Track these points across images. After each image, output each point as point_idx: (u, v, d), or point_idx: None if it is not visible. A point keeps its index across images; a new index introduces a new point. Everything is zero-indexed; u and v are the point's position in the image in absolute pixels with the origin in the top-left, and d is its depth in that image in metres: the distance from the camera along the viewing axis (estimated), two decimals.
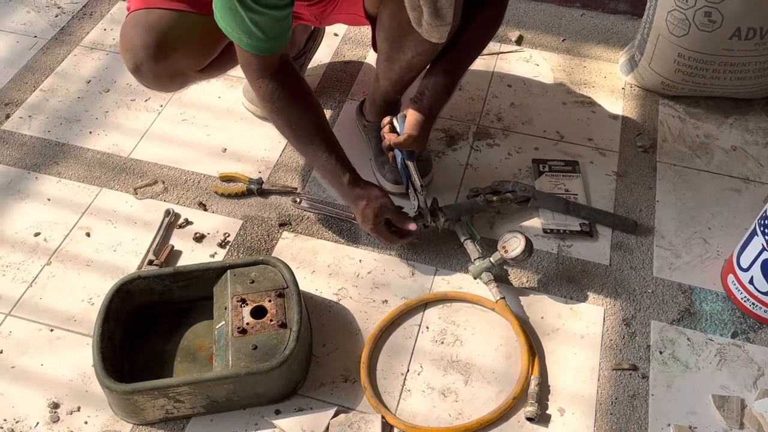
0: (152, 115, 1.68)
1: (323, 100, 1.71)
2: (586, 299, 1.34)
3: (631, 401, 1.20)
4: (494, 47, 1.85)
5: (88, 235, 1.43)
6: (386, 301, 1.33)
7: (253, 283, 1.21)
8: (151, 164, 1.56)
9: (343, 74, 1.79)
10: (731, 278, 1.32)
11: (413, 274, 1.37)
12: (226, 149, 1.60)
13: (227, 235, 1.43)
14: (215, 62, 1.36)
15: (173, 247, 1.40)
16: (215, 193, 1.50)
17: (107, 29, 1.90)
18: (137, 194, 1.50)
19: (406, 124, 1.30)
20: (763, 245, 1.22)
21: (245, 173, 1.53)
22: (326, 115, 1.66)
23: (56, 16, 1.94)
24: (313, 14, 1.40)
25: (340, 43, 1.87)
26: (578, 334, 1.29)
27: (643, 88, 1.75)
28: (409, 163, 1.32)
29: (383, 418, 1.16)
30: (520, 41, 1.88)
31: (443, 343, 1.27)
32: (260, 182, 1.50)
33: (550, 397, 1.20)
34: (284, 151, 1.59)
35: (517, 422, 1.17)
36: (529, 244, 1.27)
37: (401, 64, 1.33)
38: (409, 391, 1.21)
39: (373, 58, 1.71)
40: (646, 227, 1.45)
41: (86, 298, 1.33)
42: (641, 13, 1.71)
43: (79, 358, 1.24)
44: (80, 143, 1.61)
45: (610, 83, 1.77)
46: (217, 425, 1.16)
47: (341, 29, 1.90)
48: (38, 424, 1.16)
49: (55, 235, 1.43)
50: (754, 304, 1.28)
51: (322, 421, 1.16)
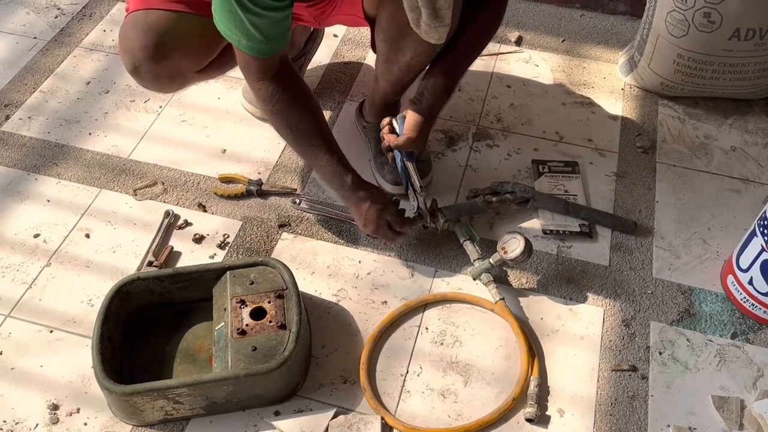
0: (152, 116, 1.68)
1: (323, 101, 1.71)
2: (585, 300, 1.34)
3: (630, 402, 1.20)
4: (494, 48, 1.85)
5: (87, 236, 1.43)
6: (386, 302, 1.33)
7: (252, 284, 1.21)
8: (150, 165, 1.56)
9: (342, 75, 1.79)
10: (731, 279, 1.32)
11: (413, 275, 1.37)
12: (225, 150, 1.60)
13: (227, 236, 1.43)
14: (214, 63, 1.36)
15: (173, 248, 1.40)
16: (215, 194, 1.50)
17: (107, 30, 1.90)
18: (137, 195, 1.50)
19: (405, 125, 1.30)
20: (762, 246, 1.22)
21: (245, 174, 1.53)
22: (326, 116, 1.66)
23: (56, 17, 1.94)
24: (312, 15, 1.40)
25: (339, 44, 1.87)
26: (578, 335, 1.29)
27: (642, 88, 1.75)
28: (408, 164, 1.32)
29: (383, 419, 1.16)
30: (519, 42, 1.88)
31: (443, 344, 1.27)
32: (260, 183, 1.50)
33: (549, 398, 1.20)
34: (284, 152, 1.59)
35: (516, 423, 1.17)
36: (528, 245, 1.27)
37: (400, 65, 1.33)
38: (408, 392, 1.21)
39: (372, 59, 1.71)
40: (645, 228, 1.45)
41: (86, 299, 1.33)
42: (641, 13, 1.71)
43: (78, 359, 1.24)
44: (80, 144, 1.61)
45: (609, 84, 1.77)
46: (216, 426, 1.16)
47: (341, 30, 1.90)
48: (38, 425, 1.16)
49: (54, 236, 1.43)
50: (753, 304, 1.28)
51: (321, 422, 1.16)
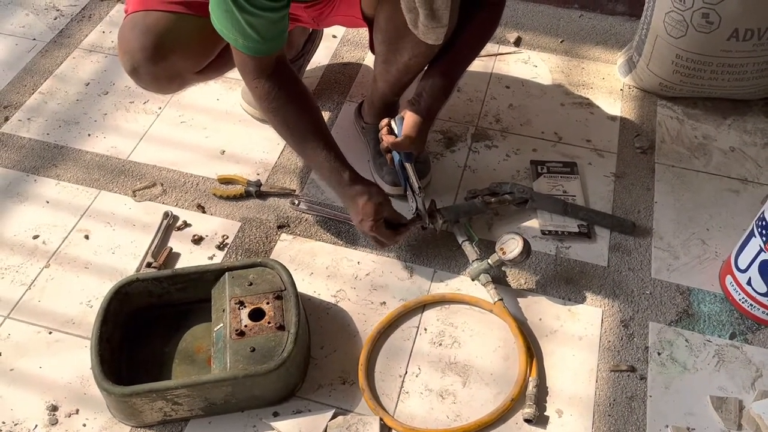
0: (151, 117, 1.68)
1: (322, 102, 1.71)
2: (584, 301, 1.34)
3: (629, 402, 1.20)
4: (492, 48, 1.85)
5: (86, 237, 1.43)
6: (384, 302, 1.33)
7: (251, 285, 1.21)
8: (149, 166, 1.57)
9: (341, 76, 1.79)
10: (729, 279, 1.32)
11: (411, 275, 1.37)
12: (224, 151, 1.60)
13: (225, 237, 1.43)
14: (213, 64, 1.36)
15: (171, 249, 1.40)
16: (214, 195, 1.50)
17: (106, 32, 1.90)
18: (136, 196, 1.51)
19: (403, 125, 1.30)
20: (760, 246, 1.22)
21: (244, 175, 1.53)
22: (325, 117, 1.66)
23: (55, 18, 1.94)
24: (310, 16, 1.40)
25: (338, 45, 1.87)
26: (576, 335, 1.29)
27: (641, 89, 1.75)
28: (407, 164, 1.32)
29: (381, 420, 1.16)
30: (518, 42, 1.88)
31: (441, 344, 1.27)
32: (258, 184, 1.50)
33: (548, 398, 1.20)
34: (283, 153, 1.59)
35: (515, 424, 1.17)
36: (526, 245, 1.27)
37: (398, 66, 1.33)
38: (407, 392, 1.21)
39: (371, 60, 1.71)
40: (644, 228, 1.45)
41: (85, 300, 1.33)
42: (639, 14, 1.71)
43: (77, 360, 1.24)
44: (79, 146, 1.61)
45: (608, 84, 1.77)
46: (215, 427, 1.17)
47: (339, 31, 1.90)
48: (37, 426, 1.16)
49: (53, 237, 1.43)
50: (752, 305, 1.28)
51: (320, 423, 1.16)
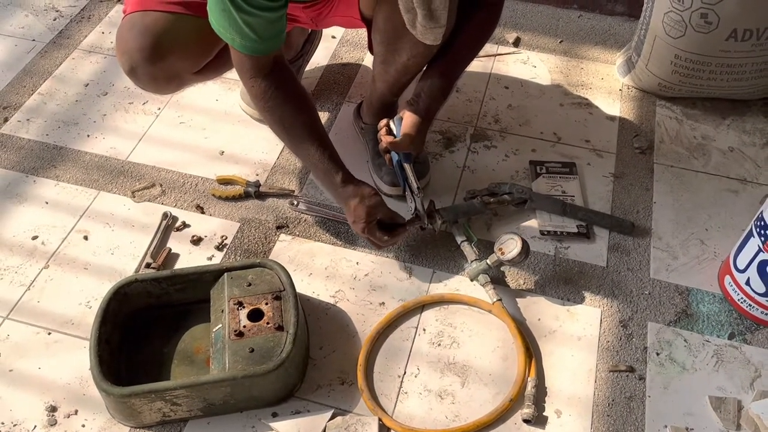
0: (150, 118, 1.68)
1: (321, 102, 1.72)
2: (583, 301, 1.34)
3: (627, 403, 1.20)
4: (491, 49, 1.85)
5: (85, 238, 1.43)
6: (383, 303, 1.33)
7: (250, 285, 1.22)
8: (148, 167, 1.57)
9: (340, 77, 1.79)
10: (728, 279, 1.32)
11: (410, 276, 1.37)
12: (223, 152, 1.60)
13: (224, 237, 1.43)
14: (211, 65, 1.36)
15: (171, 250, 1.40)
16: (213, 195, 1.50)
17: (105, 33, 1.90)
18: (135, 197, 1.51)
19: (402, 126, 1.30)
20: (759, 246, 1.22)
21: (242, 176, 1.53)
22: (324, 117, 1.67)
23: (54, 19, 1.94)
24: (309, 17, 1.40)
25: (337, 45, 1.87)
26: (575, 335, 1.29)
27: (640, 89, 1.75)
28: (405, 165, 1.33)
29: (380, 420, 1.17)
30: (517, 43, 1.88)
31: (440, 345, 1.27)
32: (257, 185, 1.51)
33: (546, 399, 1.20)
34: (282, 153, 1.59)
35: (513, 424, 1.17)
36: (525, 245, 1.27)
37: (397, 66, 1.33)
38: (406, 393, 1.21)
39: (370, 60, 1.70)
40: (643, 229, 1.45)
41: (84, 301, 1.33)
42: (638, 14, 1.71)
43: (76, 361, 1.24)
44: (78, 146, 1.61)
45: (607, 85, 1.77)
46: (214, 428, 1.17)
47: (338, 32, 1.90)
48: (36, 427, 1.16)
49: (52, 238, 1.43)
50: (750, 305, 1.28)
51: (319, 423, 1.16)
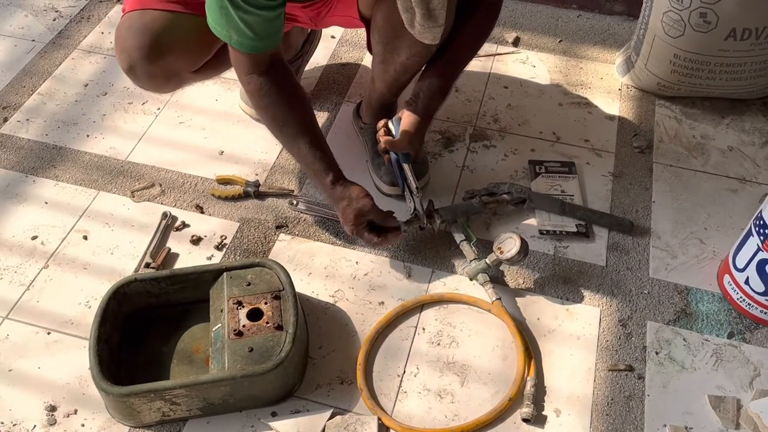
0: (149, 118, 1.68)
1: (320, 102, 1.72)
2: (582, 300, 1.34)
3: (627, 402, 1.20)
4: (491, 49, 1.85)
5: (85, 238, 1.43)
6: (383, 302, 1.33)
7: (249, 285, 1.22)
8: (148, 167, 1.57)
9: (339, 76, 1.79)
10: (727, 279, 1.32)
11: (410, 275, 1.37)
12: (223, 152, 1.60)
13: (224, 237, 1.43)
14: (210, 63, 1.36)
15: (170, 249, 1.40)
16: (212, 195, 1.51)
17: (105, 33, 1.90)
18: (134, 197, 1.51)
19: (401, 126, 1.31)
20: (758, 245, 1.22)
21: (242, 176, 1.53)
22: (323, 117, 1.67)
23: (54, 19, 1.95)
24: (308, 16, 1.40)
25: (336, 45, 1.87)
26: (574, 335, 1.29)
27: (639, 88, 1.75)
28: (404, 165, 1.33)
29: (379, 419, 1.17)
30: (516, 42, 1.88)
31: (439, 344, 1.27)
32: (257, 185, 1.51)
33: (546, 398, 1.20)
34: (281, 153, 1.59)
35: (513, 423, 1.17)
36: (524, 244, 1.27)
37: (396, 65, 1.33)
38: (405, 392, 1.21)
39: (369, 60, 1.71)
40: (642, 228, 1.45)
41: (83, 301, 1.33)
42: (637, 14, 1.71)
43: (76, 360, 1.24)
44: (77, 146, 1.61)
45: (606, 84, 1.78)
46: (213, 427, 1.17)
47: (338, 32, 1.91)
48: (35, 427, 1.16)
49: (52, 238, 1.43)
50: (749, 304, 1.28)
51: (318, 422, 1.16)
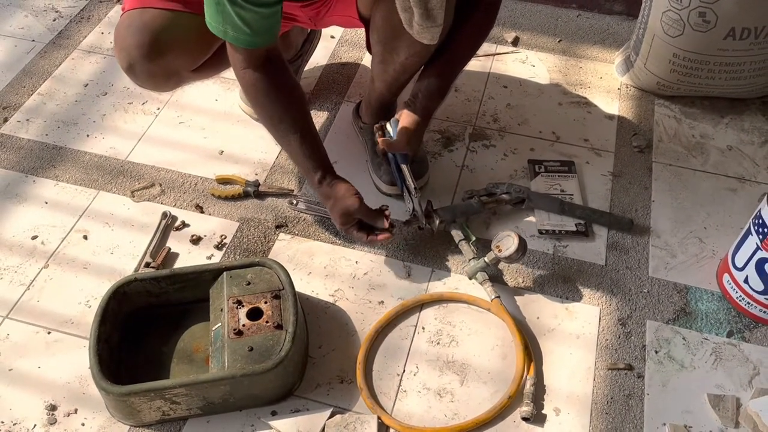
0: (149, 118, 1.68)
1: (320, 102, 1.72)
2: (581, 299, 1.34)
3: (626, 401, 1.20)
4: (490, 48, 1.85)
5: (85, 237, 1.43)
6: (382, 302, 1.33)
7: (249, 284, 1.22)
8: (148, 167, 1.57)
9: (339, 76, 1.80)
10: (726, 277, 1.32)
11: (409, 275, 1.37)
12: (222, 152, 1.61)
13: (224, 237, 1.43)
14: (209, 62, 1.36)
15: (170, 249, 1.40)
16: (212, 195, 1.51)
17: (104, 33, 1.90)
18: (134, 197, 1.51)
19: (399, 126, 1.31)
20: (757, 244, 1.23)
21: (242, 175, 1.53)
22: (323, 117, 1.67)
23: (54, 20, 1.95)
24: (307, 16, 1.41)
25: (336, 45, 1.88)
26: (574, 334, 1.29)
27: (638, 88, 1.75)
28: (402, 166, 1.33)
29: (379, 418, 1.17)
30: (516, 42, 1.88)
31: (439, 343, 1.27)
32: (257, 184, 1.51)
33: (545, 396, 1.21)
34: (281, 153, 1.60)
35: (512, 422, 1.17)
36: (522, 242, 1.27)
37: (395, 65, 1.33)
38: (405, 391, 1.22)
39: (369, 60, 1.71)
40: (641, 227, 1.46)
41: (83, 300, 1.33)
42: (637, 13, 1.71)
43: (76, 360, 1.24)
44: (77, 146, 1.61)
45: (605, 84, 1.78)
46: (213, 427, 1.17)
47: (338, 31, 1.91)
48: (35, 426, 1.17)
49: (52, 238, 1.43)
50: (749, 303, 1.28)
51: (318, 422, 1.16)
